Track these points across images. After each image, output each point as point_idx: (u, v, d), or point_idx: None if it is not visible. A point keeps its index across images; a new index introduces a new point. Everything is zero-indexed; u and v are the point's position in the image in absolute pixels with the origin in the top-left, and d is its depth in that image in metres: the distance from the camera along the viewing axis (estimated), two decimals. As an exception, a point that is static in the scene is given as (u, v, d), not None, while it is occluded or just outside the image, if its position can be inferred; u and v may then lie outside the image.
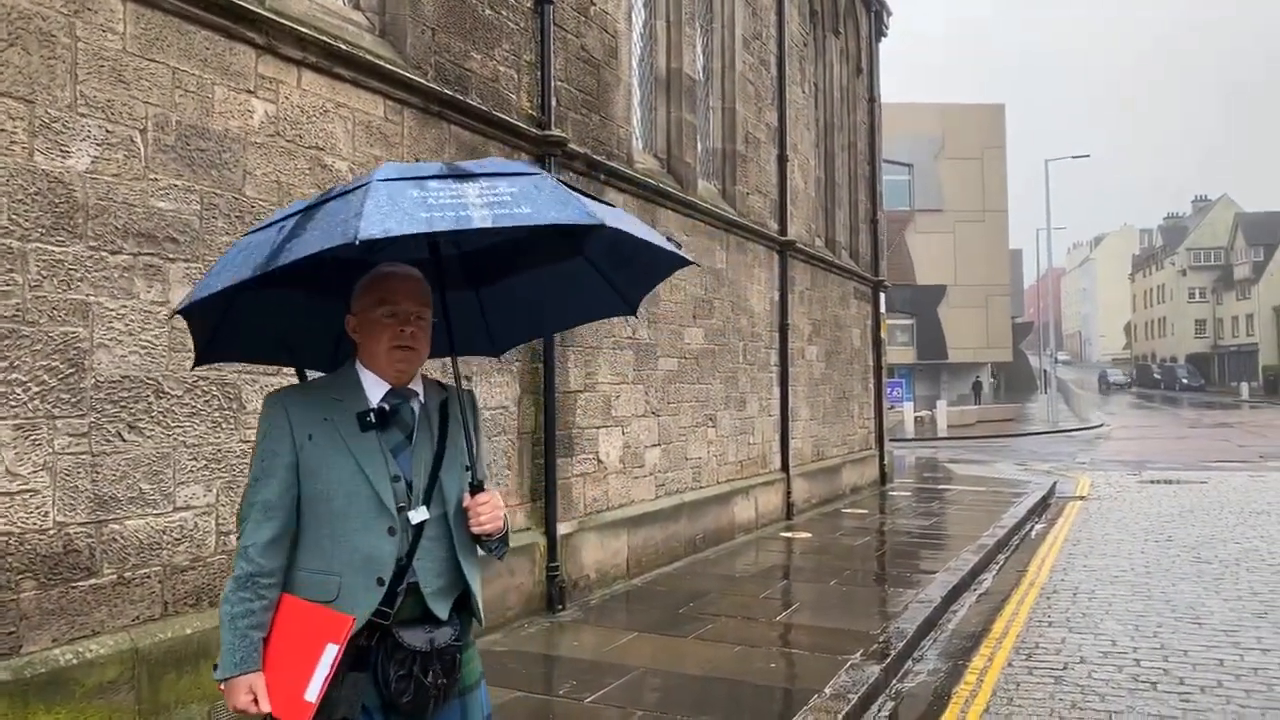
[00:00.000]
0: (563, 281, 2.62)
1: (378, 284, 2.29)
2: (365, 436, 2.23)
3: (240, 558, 2.21)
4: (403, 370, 2.31)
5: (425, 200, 1.90)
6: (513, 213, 1.93)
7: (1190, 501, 13.91)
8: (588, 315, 2.88)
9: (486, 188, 1.97)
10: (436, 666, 2.21)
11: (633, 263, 2.53)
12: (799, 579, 8.42)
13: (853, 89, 15.95)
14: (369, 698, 2.19)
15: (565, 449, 7.38)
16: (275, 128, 4.92)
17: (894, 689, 5.64)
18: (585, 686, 5.30)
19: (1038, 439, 29.58)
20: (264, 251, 1.99)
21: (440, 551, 2.27)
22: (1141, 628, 6.83)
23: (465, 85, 6.35)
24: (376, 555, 2.20)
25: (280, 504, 2.21)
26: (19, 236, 3.76)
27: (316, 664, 2.13)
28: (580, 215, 1.98)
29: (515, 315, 2.75)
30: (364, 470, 2.22)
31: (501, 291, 2.68)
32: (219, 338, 2.45)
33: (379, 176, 1.95)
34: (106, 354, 4.07)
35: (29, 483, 3.77)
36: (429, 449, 2.31)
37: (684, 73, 9.72)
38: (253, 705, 2.15)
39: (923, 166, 43.99)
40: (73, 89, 3.96)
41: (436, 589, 2.26)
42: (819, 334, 13.48)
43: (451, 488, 2.30)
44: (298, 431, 2.23)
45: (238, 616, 2.18)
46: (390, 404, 2.28)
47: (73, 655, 3.84)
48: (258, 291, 2.25)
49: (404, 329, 2.27)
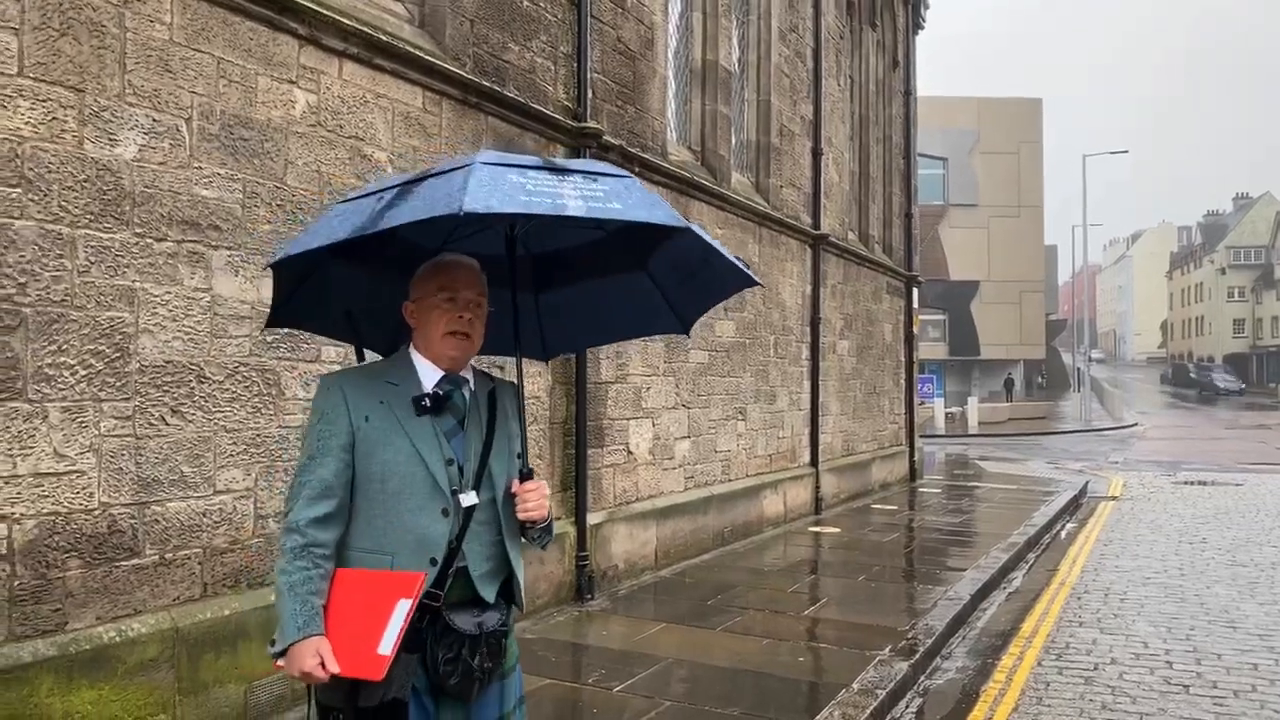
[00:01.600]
0: (622, 294, 2.67)
1: (438, 271, 2.35)
2: (420, 420, 2.29)
3: (292, 532, 2.23)
4: (456, 356, 2.36)
5: (524, 185, 1.97)
6: (605, 207, 2.00)
7: (1225, 503, 13.73)
8: (641, 330, 2.91)
9: (580, 183, 2.05)
10: (483, 650, 2.26)
11: (694, 280, 2.57)
12: (827, 574, 8.41)
13: (888, 82, 15.83)
14: (418, 680, 2.23)
15: (596, 439, 7.41)
16: (316, 118, 4.98)
17: (922, 685, 5.63)
18: (613, 675, 5.34)
19: (1070, 437, 29.30)
20: (362, 217, 2.07)
21: (488, 536, 2.33)
22: (1174, 630, 6.77)
23: (503, 77, 6.39)
24: (430, 536, 2.25)
25: (335, 484, 2.25)
26: (68, 223, 3.84)
27: (389, 620, 2.14)
28: (668, 218, 2.06)
29: (570, 323, 2.80)
30: (420, 453, 2.27)
31: (561, 298, 2.74)
32: (294, 303, 2.53)
33: (480, 159, 2.03)
34: (151, 339, 4.15)
35: (76, 464, 3.86)
36: (479, 435, 2.36)
37: (719, 65, 9.70)
38: (319, 668, 2.14)
39: (957, 161, 43.52)
40: (121, 78, 4.03)
41: (484, 572, 2.31)
42: (850, 328, 13.42)
43: (499, 474, 2.35)
44: (355, 413, 2.28)
45: (297, 584, 2.19)
46: (444, 389, 2.34)
47: (115, 633, 3.94)
48: (337, 267, 2.37)
49: (461, 315, 2.33)
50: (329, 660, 2.15)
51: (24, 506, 3.68)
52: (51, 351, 3.78)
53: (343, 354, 5.12)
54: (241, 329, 4.56)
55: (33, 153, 3.72)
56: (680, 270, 2.55)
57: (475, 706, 2.31)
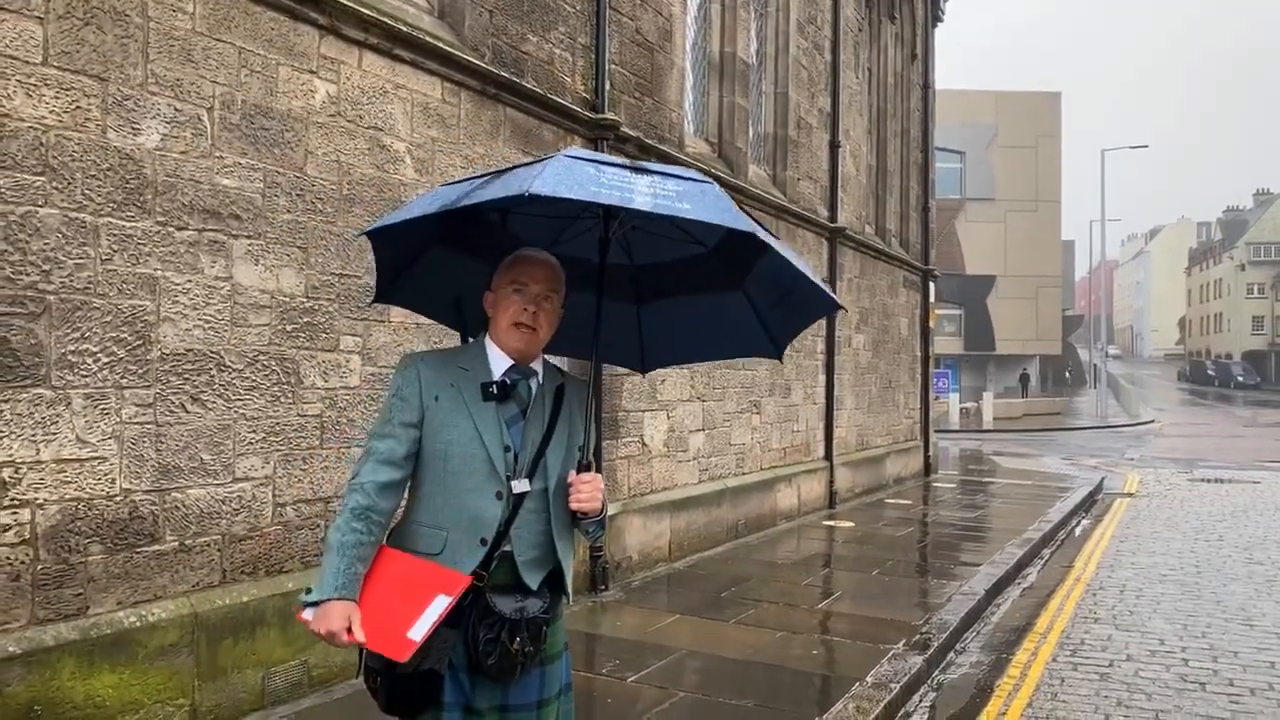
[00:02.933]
0: (718, 313, 2.73)
1: (513, 264, 2.43)
2: (486, 406, 2.37)
3: (356, 491, 2.30)
4: (520, 348, 2.42)
5: (598, 178, 2.05)
6: (674, 205, 2.05)
7: (1243, 501, 13.64)
8: (736, 352, 2.93)
9: (656, 181, 2.11)
10: (524, 634, 2.30)
11: (788, 301, 2.62)
12: (841, 567, 8.41)
13: (907, 75, 15.74)
14: (457, 656, 2.28)
15: (611, 431, 7.43)
16: (336, 108, 5.00)
17: (936, 680, 5.63)
18: (627, 666, 5.36)
19: (1086, 433, 29.15)
20: (452, 197, 2.18)
21: (538, 525, 2.38)
22: (1190, 627, 6.74)
23: (521, 68, 6.39)
24: (483, 516, 2.32)
25: (400, 456, 2.34)
26: (91, 211, 3.87)
27: (425, 609, 2.20)
28: (735, 221, 2.09)
29: (668, 337, 2.85)
30: (481, 436, 2.34)
31: (661, 310, 2.80)
32: (402, 282, 2.63)
33: (566, 153, 2.14)
34: (172, 327, 4.19)
35: (98, 450, 3.90)
36: (539, 426, 2.42)
37: (737, 57, 9.67)
38: (345, 633, 2.20)
39: (975, 154, 43.27)
40: (144, 67, 4.06)
41: (530, 559, 2.36)
42: (866, 322, 13.38)
43: (554, 465, 2.41)
44: (426, 393, 2.37)
45: (348, 545, 2.26)
46: (511, 379, 2.41)
47: (136, 618, 3.98)
48: (449, 254, 2.52)
49: (527, 308, 2.39)
50: (356, 629, 2.21)
51: (47, 492, 3.72)
52: (75, 339, 3.81)
53: (359, 343, 5.15)
54: (261, 318, 4.59)
55: (57, 141, 3.75)
56: (773, 293, 2.61)
57: (513, 689, 2.35)
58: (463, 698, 2.30)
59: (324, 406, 4.93)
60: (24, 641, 3.59)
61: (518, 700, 2.36)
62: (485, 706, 2.33)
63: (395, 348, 5.31)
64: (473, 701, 2.31)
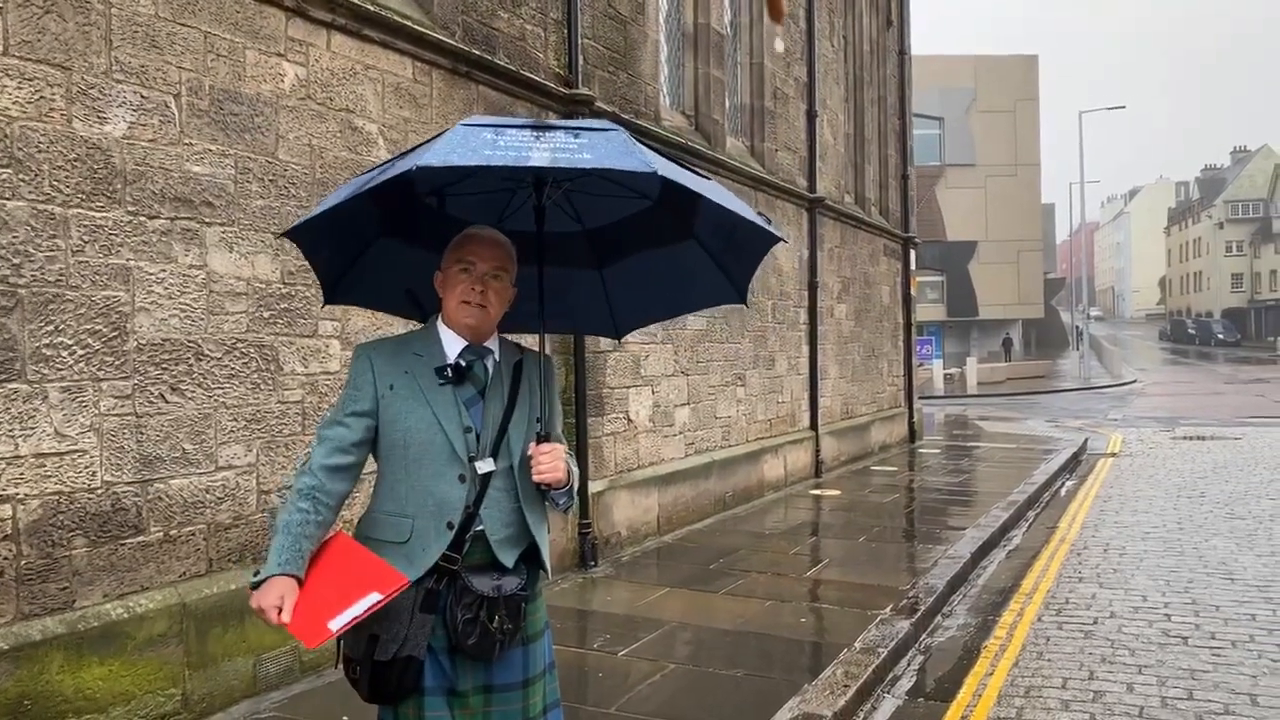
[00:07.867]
0: (677, 264, 2.70)
1: (461, 243, 2.42)
2: (442, 389, 2.36)
3: (304, 474, 2.32)
4: (471, 325, 2.41)
5: (495, 142, 2.04)
6: (573, 158, 2.03)
7: (1224, 458, 13.80)
8: (703, 301, 2.91)
9: (560, 138, 2.09)
10: (502, 612, 2.31)
11: (734, 240, 2.59)
12: (828, 535, 8.48)
13: (882, 42, 15.69)
14: (436, 639, 2.29)
15: (596, 408, 7.43)
16: (306, 91, 4.95)
17: (923, 643, 5.69)
18: (618, 640, 5.40)
19: (1069, 395, 29.37)
20: (360, 183, 2.20)
21: (507, 503, 2.38)
22: (1173, 583, 6.83)
23: (493, 45, 6.33)
24: (447, 501, 2.32)
25: (348, 442, 2.36)
26: (60, 203, 3.83)
27: (353, 603, 2.18)
28: (637, 164, 2.04)
29: (635, 296, 2.83)
30: (439, 420, 2.34)
31: (623, 272, 2.78)
32: (349, 281, 2.63)
33: (464, 121, 2.12)
34: (147, 317, 4.15)
35: (77, 443, 3.87)
36: (500, 404, 2.41)
37: (711, 28, 9.61)
38: (275, 612, 2.18)
39: (954, 120, 43.24)
40: (108, 55, 4.00)
41: (503, 538, 2.36)
42: (848, 291, 13.41)
43: (518, 442, 2.40)
44: (380, 382, 2.37)
45: (293, 524, 2.27)
46: (465, 360, 2.39)
47: (123, 610, 3.97)
48: (392, 247, 2.52)
49: (475, 286, 2.38)
50: (286, 609, 2.19)
51: (27, 487, 3.70)
52: (49, 332, 3.78)
53: (339, 328, 5.13)
54: (238, 305, 4.56)
55: (21, 132, 3.70)
56: (719, 236, 2.58)
57: (497, 668, 2.36)
58: (446, 681, 2.31)
59: (305, 392, 4.91)
60: (11, 637, 3.58)
61: (502, 680, 2.37)
62: (469, 688, 2.34)
63: (374, 331, 5.29)
64: (456, 684, 2.32)
